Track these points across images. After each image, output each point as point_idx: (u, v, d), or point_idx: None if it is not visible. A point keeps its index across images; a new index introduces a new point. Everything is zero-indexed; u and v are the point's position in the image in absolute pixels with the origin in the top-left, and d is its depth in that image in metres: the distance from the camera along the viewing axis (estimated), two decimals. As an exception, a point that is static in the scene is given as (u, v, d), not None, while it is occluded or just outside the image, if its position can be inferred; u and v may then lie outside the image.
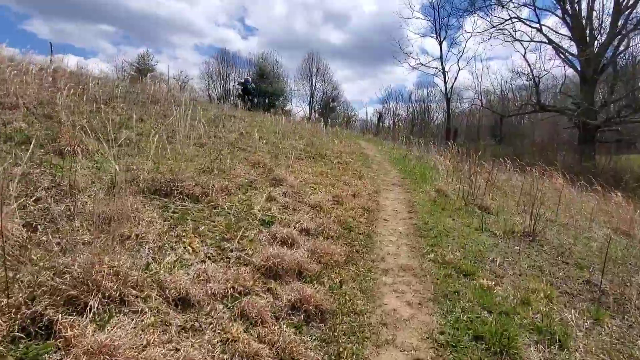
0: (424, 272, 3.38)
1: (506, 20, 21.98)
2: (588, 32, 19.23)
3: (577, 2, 19.47)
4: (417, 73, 65.84)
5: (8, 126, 4.39)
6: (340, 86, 39.91)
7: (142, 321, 1.93)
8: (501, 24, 22.24)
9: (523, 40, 21.83)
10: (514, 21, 21.85)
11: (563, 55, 20.37)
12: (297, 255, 2.87)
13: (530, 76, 21.65)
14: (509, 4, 21.75)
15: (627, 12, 17.44)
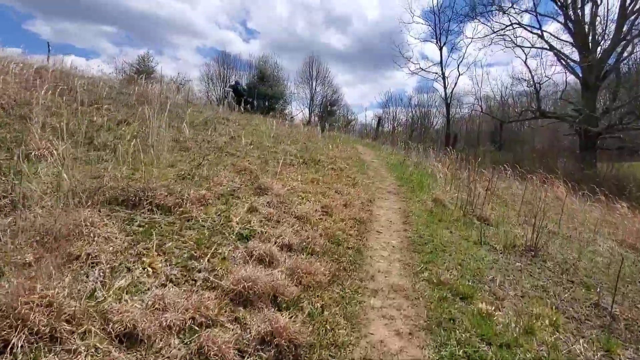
0: (417, 294, 3.06)
1: (507, 26, 21.81)
2: (591, 38, 19.01)
3: (580, 8, 19.27)
4: (417, 78, 65.90)
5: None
6: (340, 90, 39.58)
7: (75, 363, 1.63)
8: (502, 30, 22.08)
9: (524, 46, 21.63)
10: (515, 27, 21.67)
11: (564, 61, 20.16)
12: (274, 276, 2.55)
13: (531, 82, 21.40)
14: (510, 10, 21.62)
15: (633, 18, 17.19)
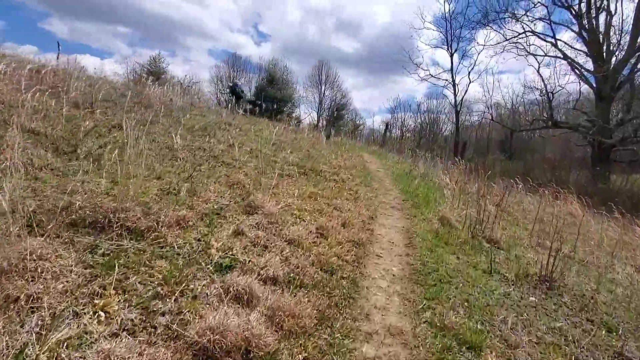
0: (417, 341, 2.67)
1: (520, 33, 21.41)
2: (605, 48, 18.50)
3: (595, 17, 18.76)
4: (427, 84, 65.28)
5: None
6: (349, 94, 39.40)
7: None
8: (515, 38, 21.65)
9: (537, 54, 21.17)
10: (528, 35, 21.25)
11: (578, 71, 19.62)
12: (250, 323, 2.19)
13: (543, 91, 20.88)
14: (524, 18, 21.21)
15: (649, 28, 16.65)
